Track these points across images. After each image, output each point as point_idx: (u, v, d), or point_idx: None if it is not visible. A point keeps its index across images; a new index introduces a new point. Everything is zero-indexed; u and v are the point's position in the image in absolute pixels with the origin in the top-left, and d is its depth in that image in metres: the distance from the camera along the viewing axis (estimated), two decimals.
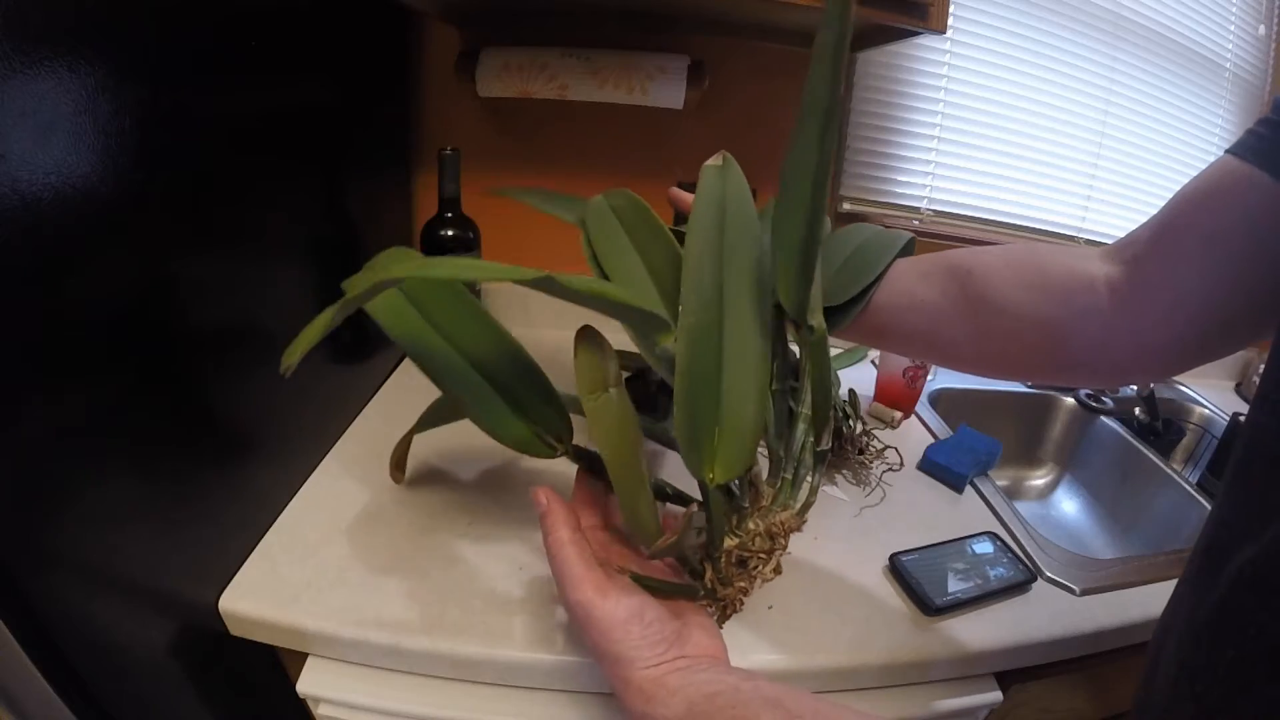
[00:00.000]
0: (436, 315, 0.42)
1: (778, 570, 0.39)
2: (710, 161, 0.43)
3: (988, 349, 0.42)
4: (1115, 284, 0.38)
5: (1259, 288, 0.33)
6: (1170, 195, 0.37)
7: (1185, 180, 0.36)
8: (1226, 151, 0.34)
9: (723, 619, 0.40)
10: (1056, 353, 0.40)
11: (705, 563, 0.39)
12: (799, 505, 0.40)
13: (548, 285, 0.29)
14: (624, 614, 0.33)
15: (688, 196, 0.48)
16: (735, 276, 0.39)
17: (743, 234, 0.40)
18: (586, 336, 0.35)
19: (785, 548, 0.39)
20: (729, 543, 0.38)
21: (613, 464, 0.34)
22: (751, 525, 0.38)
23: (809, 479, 0.41)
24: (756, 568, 0.38)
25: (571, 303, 0.32)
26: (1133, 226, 0.39)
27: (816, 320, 0.40)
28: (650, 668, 0.33)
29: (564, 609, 0.36)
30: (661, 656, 0.33)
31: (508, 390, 0.41)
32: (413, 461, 0.59)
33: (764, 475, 0.42)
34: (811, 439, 0.42)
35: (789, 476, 0.41)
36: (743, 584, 0.38)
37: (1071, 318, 0.38)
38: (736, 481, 0.39)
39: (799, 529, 0.40)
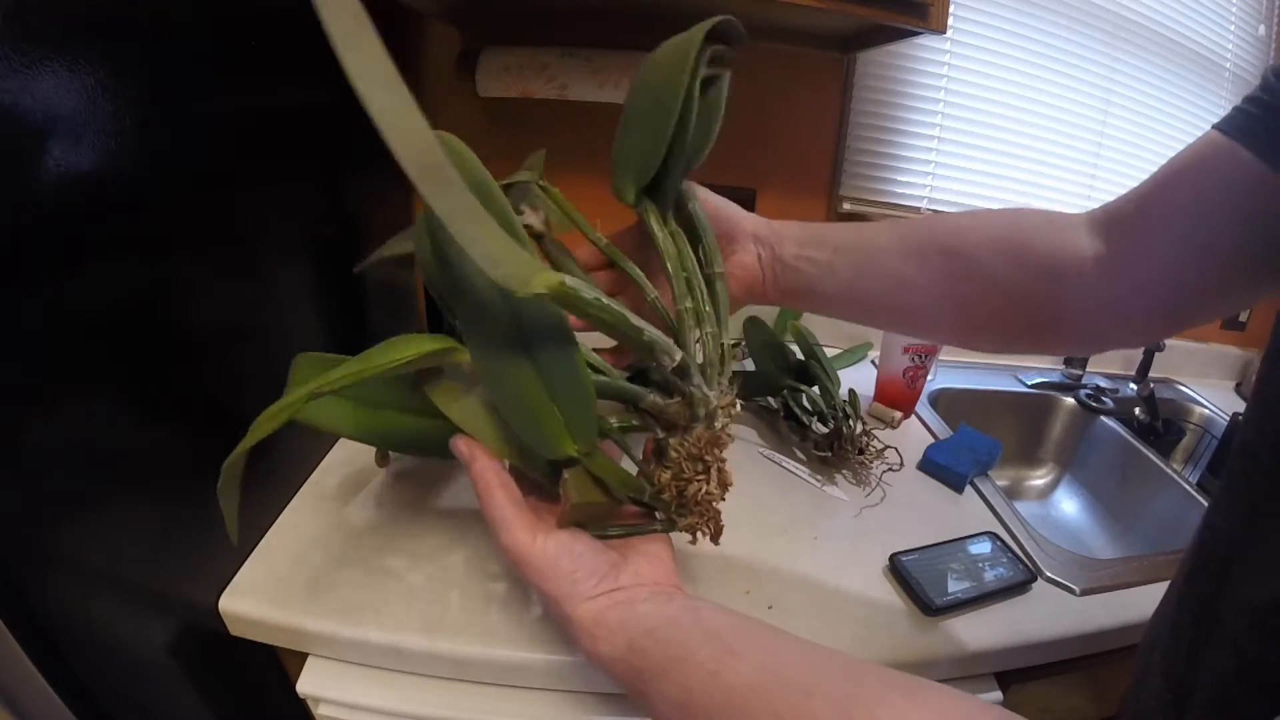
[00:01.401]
0: (367, 396, 0.41)
1: (725, 483, 0.37)
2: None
3: (972, 323, 0.43)
4: (1100, 258, 0.38)
5: (1236, 261, 0.34)
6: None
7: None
8: (1213, 127, 0.34)
9: (717, 537, 0.38)
10: (1042, 328, 0.41)
11: (654, 502, 0.38)
12: (714, 405, 0.37)
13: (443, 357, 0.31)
14: (553, 549, 0.33)
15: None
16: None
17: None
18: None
19: (720, 459, 0.37)
20: (663, 477, 0.37)
21: (486, 438, 0.34)
22: (673, 454, 0.37)
23: (718, 377, 0.39)
24: (700, 490, 0.36)
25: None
26: None
27: (629, 196, 0.41)
28: (588, 601, 0.32)
29: (501, 554, 0.35)
30: (596, 589, 0.33)
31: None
32: (412, 461, 0.59)
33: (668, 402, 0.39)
34: (709, 331, 0.39)
35: (695, 389, 0.37)
36: (699, 508, 0.37)
37: (1059, 295, 0.39)
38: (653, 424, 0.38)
39: (721, 436, 0.37)
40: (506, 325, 0.32)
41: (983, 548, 0.56)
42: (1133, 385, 0.95)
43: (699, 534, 0.38)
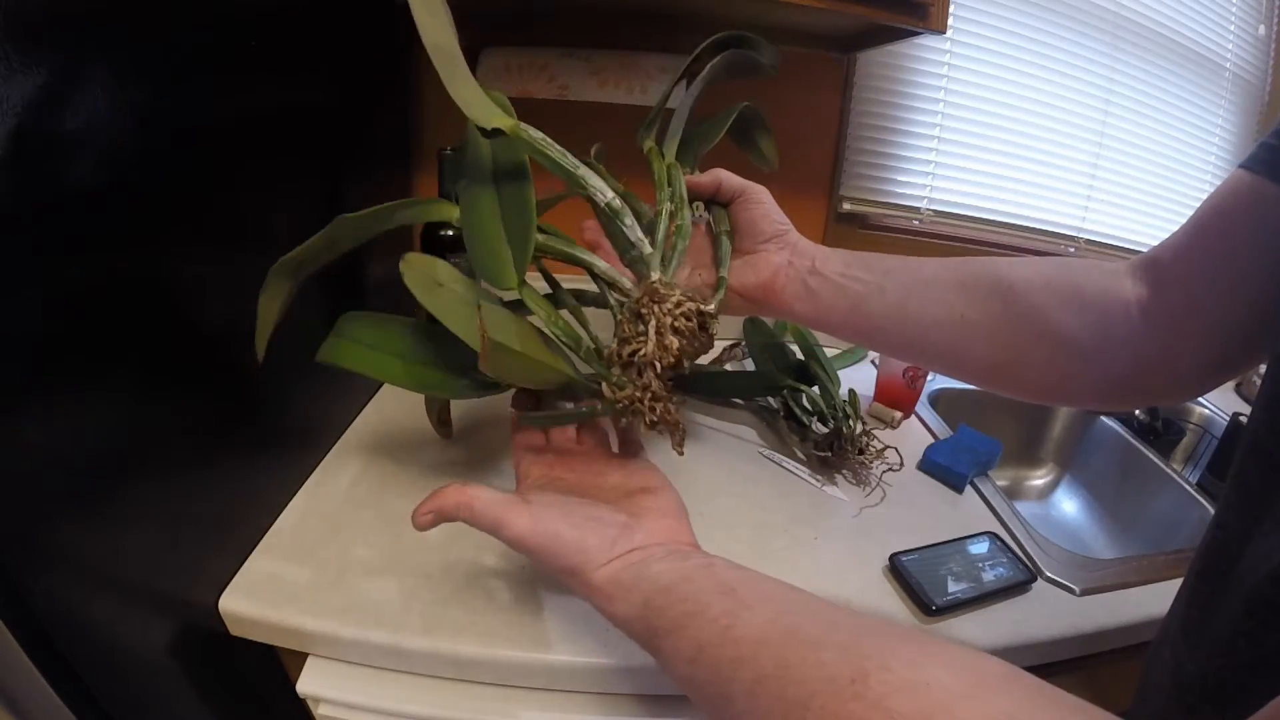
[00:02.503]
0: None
1: (667, 345, 0.35)
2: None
3: (1024, 374, 0.41)
4: (1145, 307, 0.37)
5: (1274, 304, 0.33)
6: (1169, 195, 0.37)
7: (1184, 180, 0.36)
8: (1239, 166, 0.34)
9: (670, 432, 0.38)
10: (1094, 379, 0.39)
11: (599, 382, 0.38)
12: (651, 256, 0.39)
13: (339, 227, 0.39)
14: (550, 525, 0.33)
15: (698, 180, 0.50)
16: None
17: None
18: (409, 259, 0.39)
19: (659, 316, 0.35)
20: (611, 347, 0.37)
21: (469, 337, 0.36)
22: (617, 315, 0.37)
23: (675, 244, 0.41)
24: (637, 353, 0.35)
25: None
26: (1132, 226, 0.39)
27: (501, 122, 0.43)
28: (602, 566, 0.32)
29: (516, 550, 0.35)
30: (609, 553, 0.32)
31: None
32: (411, 461, 0.59)
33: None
34: (666, 207, 0.43)
35: (638, 246, 0.39)
36: (640, 381, 0.36)
37: (1110, 345, 0.38)
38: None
39: (659, 290, 0.36)
40: (486, 171, 0.41)
41: (983, 548, 0.56)
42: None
43: (642, 424, 0.37)
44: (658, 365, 0.35)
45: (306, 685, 0.43)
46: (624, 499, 0.37)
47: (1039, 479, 0.94)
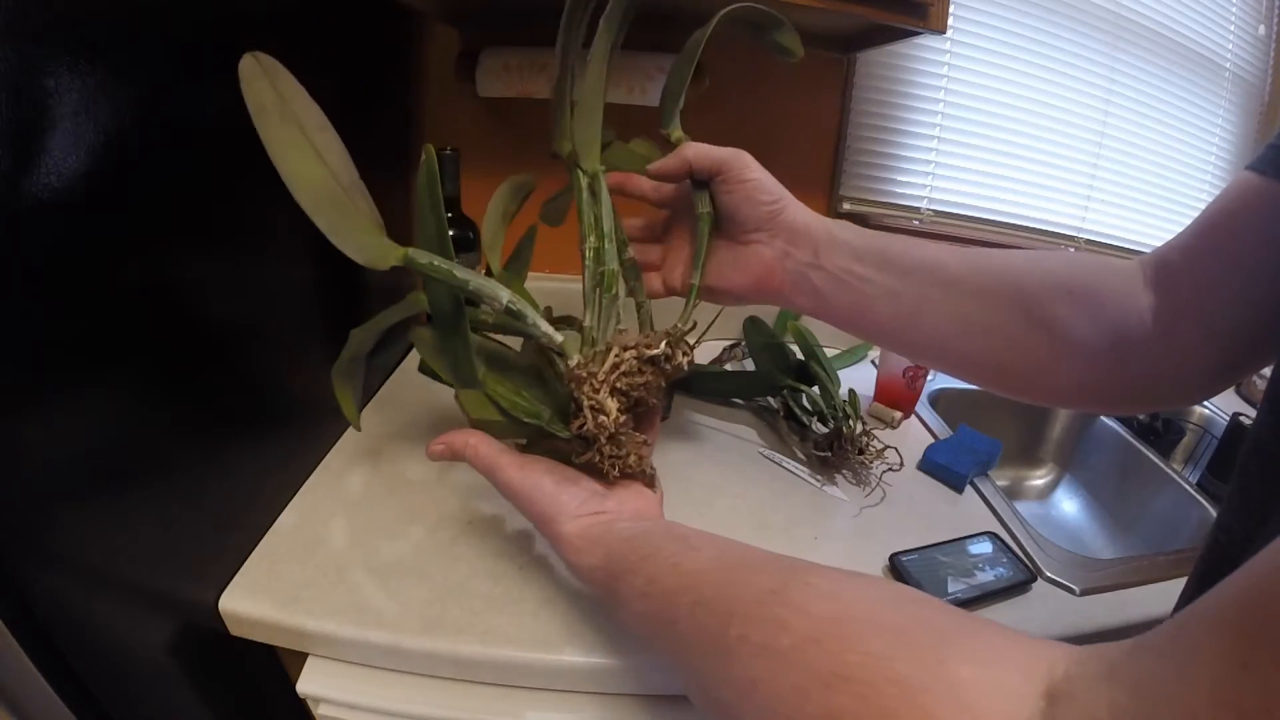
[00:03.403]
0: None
1: (605, 415, 0.37)
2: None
3: (1038, 381, 0.41)
4: (1156, 312, 0.37)
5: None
6: (1169, 195, 0.37)
7: (1184, 180, 0.36)
8: (1246, 167, 0.34)
9: (636, 477, 0.41)
10: (1110, 385, 0.39)
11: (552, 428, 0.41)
12: (583, 339, 0.41)
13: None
14: (535, 478, 0.38)
15: (664, 164, 0.47)
16: None
17: None
18: (419, 333, 0.46)
19: (589, 396, 0.38)
20: (564, 435, 0.40)
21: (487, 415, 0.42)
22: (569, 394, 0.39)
23: (600, 300, 0.42)
24: (584, 427, 0.38)
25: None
26: (1132, 226, 0.39)
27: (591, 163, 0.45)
28: (574, 519, 0.36)
29: (504, 495, 0.40)
30: (581, 508, 0.37)
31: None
32: (413, 461, 0.59)
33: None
34: (590, 244, 0.43)
35: (531, 328, 0.41)
36: (592, 448, 0.38)
37: (1125, 351, 0.38)
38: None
39: (579, 374, 0.38)
40: (446, 305, 0.42)
41: (983, 548, 0.56)
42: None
43: (610, 471, 0.39)
44: (602, 436, 0.38)
45: (306, 685, 0.43)
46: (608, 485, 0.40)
47: (1039, 479, 0.94)
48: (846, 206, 0.93)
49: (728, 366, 0.85)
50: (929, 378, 0.80)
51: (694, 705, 0.29)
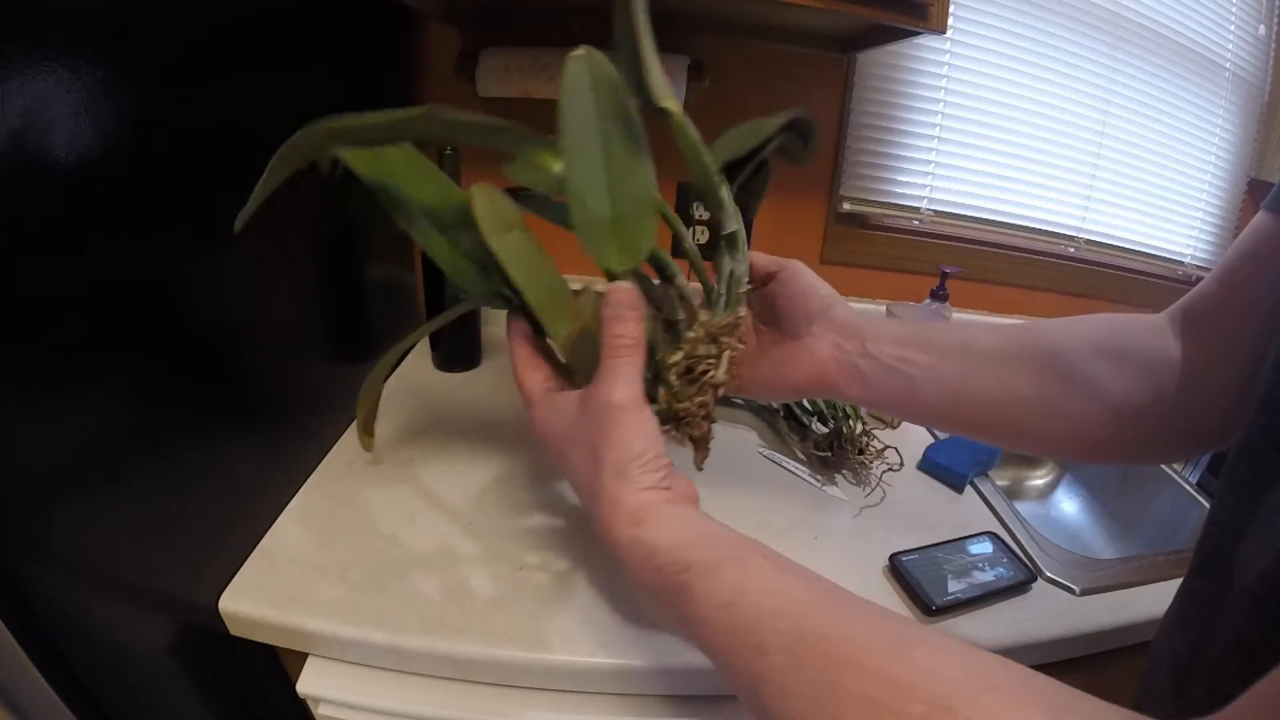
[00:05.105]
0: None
1: (731, 374, 0.38)
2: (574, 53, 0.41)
3: (1083, 441, 0.41)
4: (1186, 360, 0.37)
5: None
6: (1169, 195, 0.37)
7: (1184, 180, 0.36)
8: (1262, 207, 0.34)
9: (700, 447, 0.40)
10: (1150, 437, 0.39)
11: (657, 386, 0.38)
12: (737, 310, 0.40)
13: (428, 122, 0.32)
14: (647, 431, 0.33)
15: None
16: (608, 119, 0.38)
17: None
18: (480, 190, 0.36)
19: (733, 348, 0.38)
20: (673, 357, 0.37)
21: (533, 292, 0.35)
22: (692, 334, 0.38)
23: (739, 283, 0.41)
24: (707, 374, 0.37)
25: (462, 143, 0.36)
26: (1132, 226, 0.39)
27: (669, 104, 0.40)
28: (644, 490, 0.32)
29: (594, 410, 0.34)
30: (657, 482, 0.33)
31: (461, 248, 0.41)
32: (412, 461, 0.59)
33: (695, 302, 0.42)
34: (733, 264, 0.41)
35: (722, 290, 0.40)
36: (700, 398, 0.38)
37: (1162, 404, 0.38)
38: (674, 301, 0.39)
39: (738, 331, 0.39)
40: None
41: (983, 548, 0.56)
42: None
43: (679, 433, 0.39)
44: (719, 390, 0.38)
45: (306, 685, 0.43)
46: None
47: (1039, 479, 0.94)
48: (846, 206, 0.93)
49: None
50: None
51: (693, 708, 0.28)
